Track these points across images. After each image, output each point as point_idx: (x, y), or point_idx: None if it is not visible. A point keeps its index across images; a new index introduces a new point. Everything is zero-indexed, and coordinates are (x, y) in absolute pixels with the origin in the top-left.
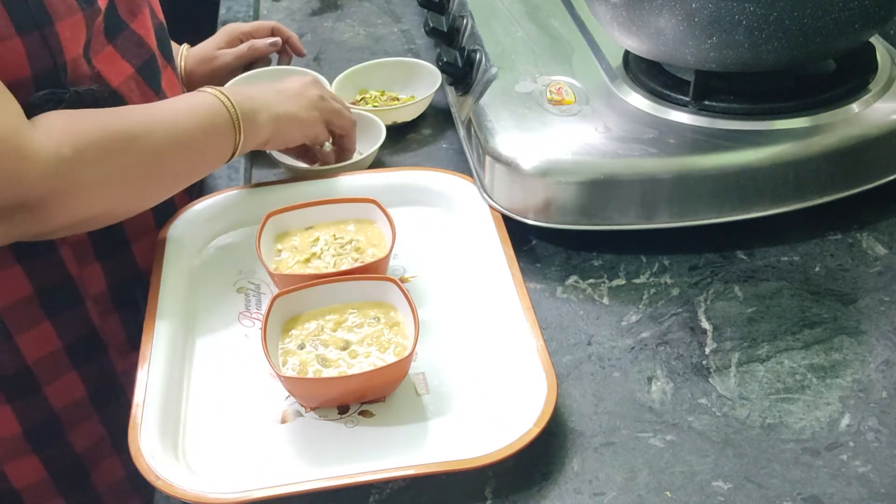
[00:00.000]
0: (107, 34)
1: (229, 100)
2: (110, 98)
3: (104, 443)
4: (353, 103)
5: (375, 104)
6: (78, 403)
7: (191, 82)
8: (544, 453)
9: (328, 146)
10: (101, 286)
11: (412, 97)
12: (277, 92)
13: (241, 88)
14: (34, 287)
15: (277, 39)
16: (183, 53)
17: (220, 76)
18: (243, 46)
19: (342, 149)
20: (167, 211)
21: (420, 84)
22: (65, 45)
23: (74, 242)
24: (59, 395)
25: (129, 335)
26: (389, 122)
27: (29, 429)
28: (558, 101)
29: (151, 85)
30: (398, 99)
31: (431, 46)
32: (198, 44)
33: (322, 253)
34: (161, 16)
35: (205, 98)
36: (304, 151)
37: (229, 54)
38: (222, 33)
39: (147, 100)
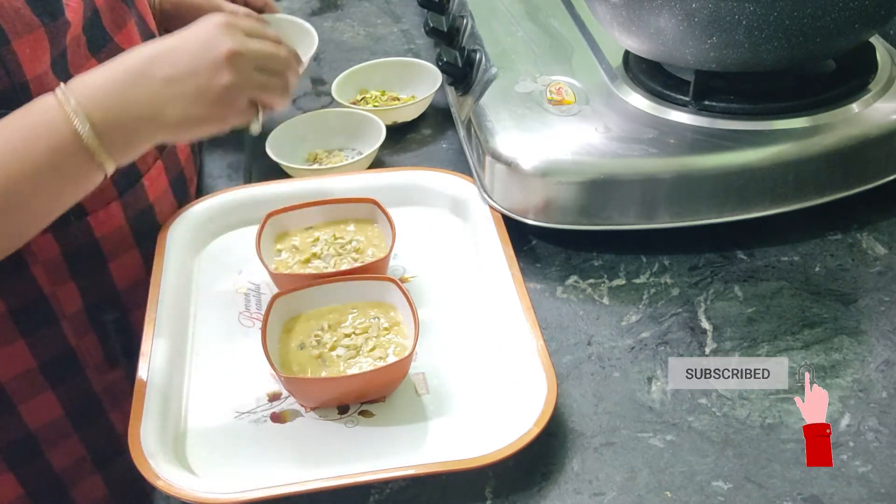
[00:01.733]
0: (90, 48)
1: (84, 120)
2: None
3: (85, 462)
4: (353, 103)
5: (375, 104)
6: (56, 422)
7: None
8: (544, 453)
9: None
10: (77, 305)
11: (412, 97)
12: (167, 81)
13: (119, 89)
14: (7, 305)
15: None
16: None
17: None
18: None
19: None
20: (148, 227)
21: (420, 84)
22: (24, 64)
23: (46, 260)
24: (35, 413)
25: (108, 354)
26: (389, 122)
27: (4, 447)
28: (558, 101)
29: None
30: (398, 99)
31: (431, 46)
32: None
33: (322, 253)
34: (154, 27)
35: (49, 122)
36: None
37: None
38: None
39: None
